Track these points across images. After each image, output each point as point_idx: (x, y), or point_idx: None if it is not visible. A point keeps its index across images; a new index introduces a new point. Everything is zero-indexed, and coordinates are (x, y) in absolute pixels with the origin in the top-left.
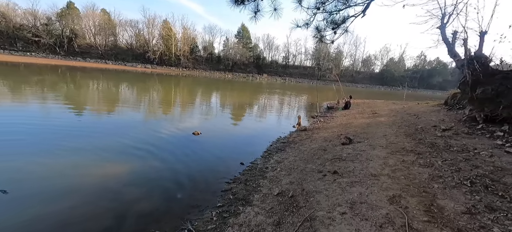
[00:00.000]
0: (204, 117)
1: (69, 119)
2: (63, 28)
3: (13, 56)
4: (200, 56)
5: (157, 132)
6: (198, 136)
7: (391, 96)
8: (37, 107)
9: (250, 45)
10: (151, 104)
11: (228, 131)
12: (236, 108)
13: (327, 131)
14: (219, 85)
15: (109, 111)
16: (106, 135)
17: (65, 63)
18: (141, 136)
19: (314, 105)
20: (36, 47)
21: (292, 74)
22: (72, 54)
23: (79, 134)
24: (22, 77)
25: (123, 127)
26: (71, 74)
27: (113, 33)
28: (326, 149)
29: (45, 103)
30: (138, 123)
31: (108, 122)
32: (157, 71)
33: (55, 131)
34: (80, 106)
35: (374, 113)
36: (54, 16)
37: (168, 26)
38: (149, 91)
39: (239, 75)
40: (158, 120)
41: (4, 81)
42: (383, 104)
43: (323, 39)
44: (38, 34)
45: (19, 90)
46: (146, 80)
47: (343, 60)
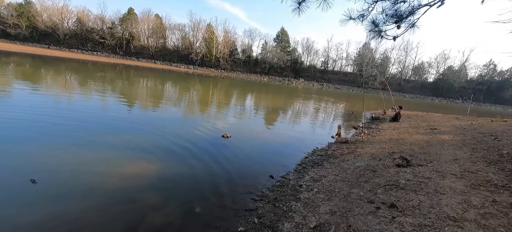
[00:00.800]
0: (236, 119)
1: (116, 111)
2: (123, 31)
3: (83, 55)
4: (239, 59)
5: (188, 131)
6: (227, 140)
7: (448, 109)
8: (94, 98)
9: (288, 48)
10: (188, 102)
11: (259, 137)
12: (269, 112)
13: (374, 146)
14: (254, 87)
15: (150, 107)
16: (141, 131)
17: (123, 61)
18: (172, 134)
19: (355, 114)
20: (101, 48)
21: (330, 80)
22: (129, 54)
23: (120, 126)
24: (89, 72)
25: (158, 124)
26: (126, 71)
27: (163, 36)
28: (376, 170)
29: (102, 95)
30: (171, 121)
31: (146, 118)
32: (198, 71)
33: (99, 121)
34: (129, 100)
35: (432, 128)
36: (117, 21)
37: (211, 30)
38: (189, 90)
39: (275, 79)
40: (192, 119)
41: (75, 75)
42: (443, 119)
43: (383, 35)
44: (104, 36)
45: (85, 83)
46: (187, 79)
47: (390, 67)
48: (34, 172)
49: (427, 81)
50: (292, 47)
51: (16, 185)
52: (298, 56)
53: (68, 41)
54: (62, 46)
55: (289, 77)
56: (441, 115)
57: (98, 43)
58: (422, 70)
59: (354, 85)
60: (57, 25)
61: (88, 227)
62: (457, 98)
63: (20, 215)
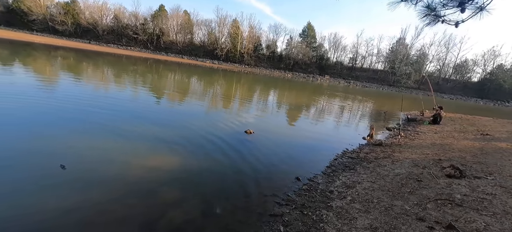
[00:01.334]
0: (259, 115)
1: (145, 103)
2: (154, 27)
3: (119, 49)
4: (263, 54)
5: (212, 125)
6: (250, 136)
7: (497, 113)
8: (127, 90)
9: (314, 44)
10: (212, 96)
11: (283, 134)
12: (293, 109)
13: (414, 151)
14: (277, 83)
15: (177, 100)
16: (168, 123)
17: (153, 56)
18: (197, 127)
19: (387, 114)
20: (134, 43)
21: (358, 77)
22: (158, 49)
23: (149, 117)
24: (123, 66)
25: (184, 117)
26: (156, 65)
27: (190, 31)
28: (421, 179)
29: (134, 87)
30: (196, 115)
31: (173, 110)
32: (222, 67)
33: (131, 112)
34: (158, 92)
35: (484, 134)
36: (149, 17)
37: (237, 25)
38: (213, 84)
39: (299, 75)
40: (215, 113)
41: (111, 68)
42: (494, 123)
43: (443, 19)
44: (137, 32)
45: (119, 76)
46: (212, 74)
47: (426, 65)
48: (64, 158)
49: (471, 80)
50: (319, 42)
51: (46, 169)
52: (324, 52)
53: (105, 36)
54: (100, 41)
55: (314, 73)
56: (490, 118)
57: (132, 39)
58: (465, 69)
59: (384, 83)
60: (97, 22)
61: (109, 216)
62: (507, 101)
63: (45, 200)
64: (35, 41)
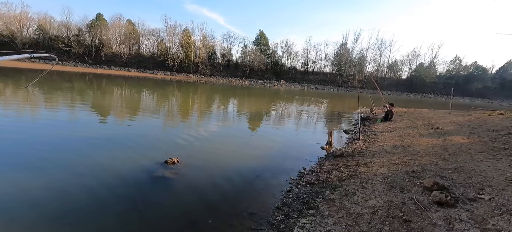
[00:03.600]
0: (194, 133)
1: (73, 124)
2: (92, 39)
3: (46, 65)
4: (218, 63)
5: (115, 156)
6: (173, 167)
7: (424, 104)
8: (63, 111)
9: (268, 51)
10: (142, 111)
11: (224, 157)
12: (243, 120)
13: (380, 160)
14: (234, 92)
15: (90, 116)
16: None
17: (92, 70)
18: (90, 162)
19: (340, 114)
20: (67, 57)
21: (311, 81)
22: (99, 63)
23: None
24: (54, 83)
25: (77, 141)
26: (97, 80)
27: (136, 42)
28: (407, 214)
29: (70, 107)
30: (100, 142)
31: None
32: (176, 78)
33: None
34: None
35: (434, 128)
36: (84, 28)
37: (188, 34)
38: (168, 97)
39: (257, 82)
40: (132, 136)
41: (38, 87)
42: (436, 115)
43: None
44: (69, 44)
45: (50, 95)
46: (164, 86)
47: (366, 66)
48: None
49: (402, 78)
50: (272, 49)
51: None
52: (278, 59)
53: (27, 50)
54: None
55: (271, 79)
56: (429, 110)
57: (64, 52)
58: (396, 68)
59: (334, 84)
60: (14, 33)
61: None
62: (429, 93)
63: None
64: None
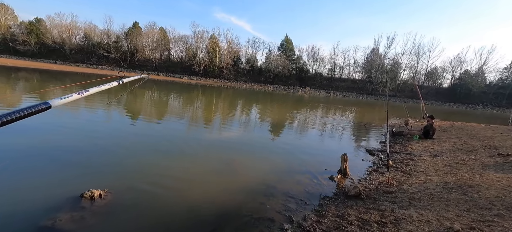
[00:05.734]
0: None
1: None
2: (128, 45)
3: (88, 69)
4: (242, 69)
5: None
6: (93, 203)
7: (470, 116)
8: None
9: (293, 57)
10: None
11: (181, 182)
12: (248, 126)
13: (422, 215)
14: (254, 97)
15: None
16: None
17: (126, 74)
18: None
19: (368, 126)
20: (106, 61)
21: (338, 88)
22: (132, 67)
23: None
24: (93, 85)
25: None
26: (130, 83)
27: (167, 48)
28: None
29: (105, 109)
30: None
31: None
32: (200, 82)
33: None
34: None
35: (503, 154)
36: (122, 35)
37: (214, 40)
38: (193, 100)
39: (280, 88)
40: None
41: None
42: (496, 133)
43: None
44: (109, 50)
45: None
46: (189, 90)
47: (400, 73)
48: None
49: (442, 86)
50: (297, 55)
51: None
52: (303, 64)
53: (74, 56)
54: (68, 60)
55: (295, 85)
56: (484, 126)
57: (103, 57)
58: (436, 75)
59: (363, 92)
60: (64, 40)
61: None
62: (477, 104)
63: None
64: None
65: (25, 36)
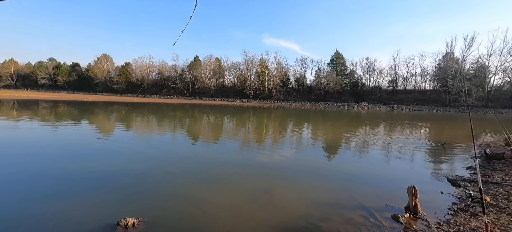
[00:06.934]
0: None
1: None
2: (190, 76)
3: (160, 99)
4: (292, 88)
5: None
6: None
7: None
8: (165, 133)
9: (345, 72)
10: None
11: (209, 216)
12: (293, 148)
13: None
14: (305, 116)
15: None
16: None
17: (189, 101)
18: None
19: (447, 147)
20: (173, 92)
21: (403, 101)
22: (193, 95)
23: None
24: (163, 112)
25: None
26: (191, 109)
27: (221, 75)
28: None
29: (170, 131)
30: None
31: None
32: (251, 104)
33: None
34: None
35: None
36: (185, 68)
37: (263, 64)
38: (244, 122)
39: (332, 105)
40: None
41: (151, 116)
42: None
43: None
44: (175, 82)
45: (161, 120)
46: (242, 112)
47: (489, 78)
48: None
49: None
50: (350, 69)
51: None
52: (358, 79)
53: (150, 89)
54: (146, 93)
55: (349, 101)
56: None
57: (171, 88)
58: None
59: (437, 104)
60: (144, 78)
61: None
62: None
63: None
64: (97, 100)
65: (118, 77)
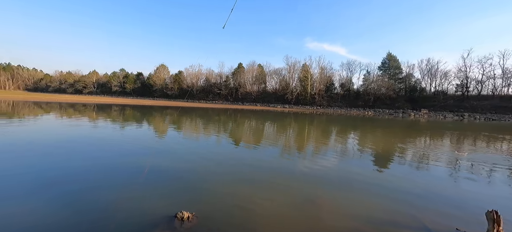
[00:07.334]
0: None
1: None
2: (234, 82)
3: (206, 104)
4: (336, 94)
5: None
6: (184, 225)
7: None
8: (210, 135)
9: (399, 75)
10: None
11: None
12: (345, 158)
13: None
14: (351, 123)
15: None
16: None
17: (231, 106)
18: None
19: None
20: (218, 97)
21: (476, 108)
22: (236, 100)
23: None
24: (209, 116)
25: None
26: (234, 114)
27: (263, 81)
28: None
29: (215, 133)
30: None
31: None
32: (293, 110)
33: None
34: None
35: None
36: (230, 75)
37: (306, 69)
38: (285, 128)
39: (383, 112)
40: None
41: (199, 119)
42: None
43: None
44: (220, 88)
45: (207, 123)
46: (283, 118)
47: None
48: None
49: None
50: (406, 72)
51: None
52: (415, 83)
53: (198, 95)
54: (194, 99)
55: (404, 108)
56: None
57: (216, 94)
58: None
59: None
60: (193, 84)
61: None
62: None
63: None
64: (154, 104)
65: (172, 84)
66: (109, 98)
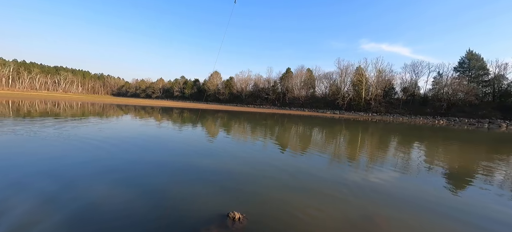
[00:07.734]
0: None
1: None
2: (282, 87)
3: (254, 108)
4: (397, 99)
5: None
6: (235, 225)
7: None
8: (257, 139)
9: (484, 77)
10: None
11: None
12: (410, 173)
13: None
14: (417, 133)
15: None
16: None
17: (279, 111)
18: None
19: None
20: (265, 102)
21: None
22: (283, 105)
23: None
24: (257, 121)
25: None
26: (281, 119)
27: (312, 85)
28: None
29: (262, 138)
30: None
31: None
32: (344, 116)
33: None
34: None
35: None
36: (278, 80)
37: (360, 72)
38: (335, 135)
39: (461, 121)
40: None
41: (249, 123)
42: None
43: None
44: (268, 93)
45: (254, 128)
46: (333, 124)
47: None
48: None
49: None
50: (493, 74)
51: None
52: (509, 86)
53: (246, 99)
54: (243, 103)
55: (492, 117)
56: None
57: (264, 99)
58: None
59: None
60: (243, 89)
61: None
62: None
63: None
64: (208, 108)
65: (223, 89)
66: (172, 102)
